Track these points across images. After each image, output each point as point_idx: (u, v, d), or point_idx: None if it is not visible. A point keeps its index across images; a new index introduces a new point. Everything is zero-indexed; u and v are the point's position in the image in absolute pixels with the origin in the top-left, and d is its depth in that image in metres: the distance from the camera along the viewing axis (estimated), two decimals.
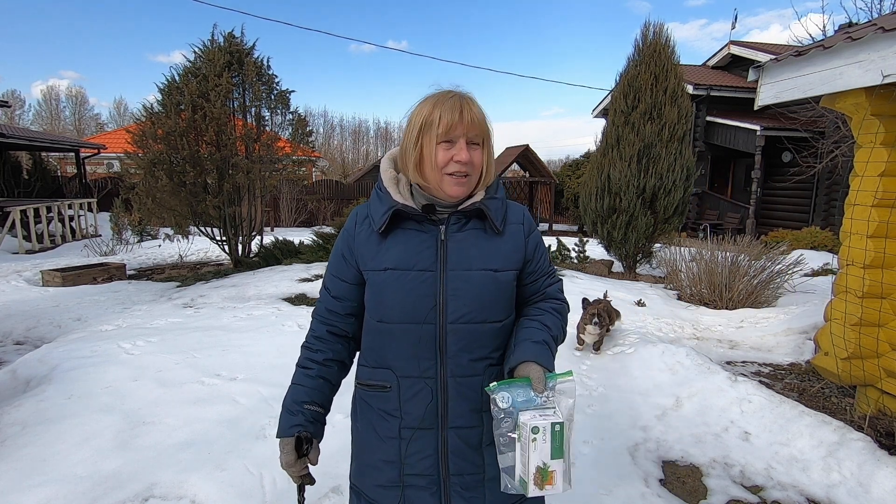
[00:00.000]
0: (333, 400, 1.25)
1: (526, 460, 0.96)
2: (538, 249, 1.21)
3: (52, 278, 6.96)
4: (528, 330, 1.13)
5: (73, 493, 2.15)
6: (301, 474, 1.15)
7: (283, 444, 1.14)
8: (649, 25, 7.65)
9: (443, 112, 1.07)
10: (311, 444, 1.14)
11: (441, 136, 1.07)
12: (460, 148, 1.08)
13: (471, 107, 1.09)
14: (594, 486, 2.41)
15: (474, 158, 1.10)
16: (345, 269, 1.19)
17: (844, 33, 2.80)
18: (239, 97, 7.88)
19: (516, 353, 1.08)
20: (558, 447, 0.97)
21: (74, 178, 16.00)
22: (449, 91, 1.12)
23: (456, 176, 1.09)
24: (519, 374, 1.05)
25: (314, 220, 17.10)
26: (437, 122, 1.07)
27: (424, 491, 1.12)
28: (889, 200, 2.82)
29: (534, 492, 0.97)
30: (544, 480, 0.97)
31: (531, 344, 1.09)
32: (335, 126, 46.99)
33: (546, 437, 0.96)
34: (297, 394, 1.18)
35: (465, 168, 1.09)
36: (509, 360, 1.09)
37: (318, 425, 1.18)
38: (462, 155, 1.08)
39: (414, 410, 1.12)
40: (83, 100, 43.28)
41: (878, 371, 2.95)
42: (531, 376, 1.02)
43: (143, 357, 3.72)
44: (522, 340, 1.10)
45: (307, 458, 1.14)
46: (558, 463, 0.97)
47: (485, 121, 1.12)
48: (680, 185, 7.33)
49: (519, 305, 1.22)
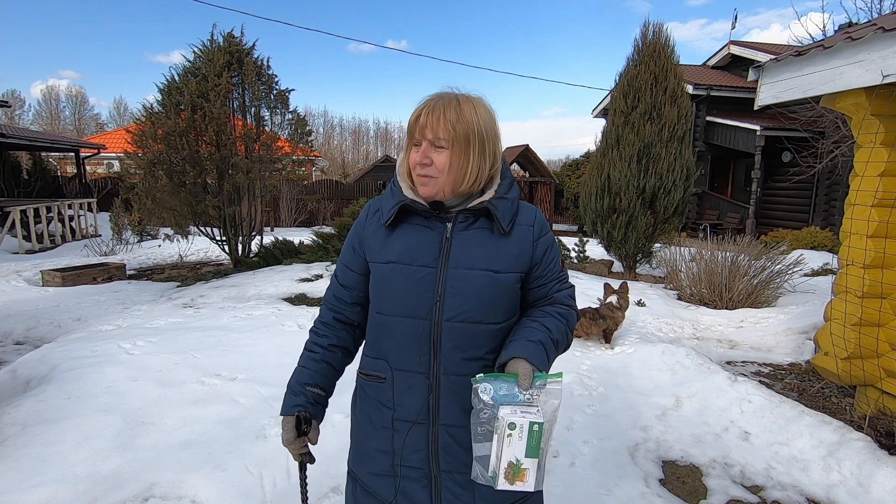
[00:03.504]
0: (334, 400, 1.28)
1: (500, 454, 0.97)
2: (548, 254, 1.19)
3: (52, 278, 6.96)
4: (527, 329, 1.13)
5: (73, 493, 2.15)
6: (301, 452, 1.19)
7: (284, 422, 1.18)
8: (649, 25, 7.65)
9: (416, 114, 1.11)
10: (311, 424, 1.18)
11: (409, 138, 1.13)
12: (421, 150, 1.11)
13: (438, 109, 1.08)
14: (594, 485, 2.41)
15: (436, 161, 1.10)
16: (354, 259, 1.23)
17: (844, 33, 2.80)
18: (239, 97, 7.88)
19: (509, 349, 1.08)
20: (534, 446, 0.97)
21: (74, 178, 16.00)
22: (438, 93, 1.14)
23: (419, 177, 1.12)
24: (508, 370, 1.05)
25: (314, 220, 17.10)
26: (412, 124, 1.12)
27: (416, 483, 1.15)
28: (889, 200, 2.82)
29: (503, 485, 0.98)
30: (515, 476, 0.98)
31: (526, 342, 1.08)
32: (335, 126, 47.04)
33: (523, 434, 0.96)
34: (301, 376, 1.22)
35: (425, 170, 1.11)
36: (501, 355, 1.09)
37: (318, 407, 1.22)
38: (416, 157, 1.11)
39: (406, 403, 1.14)
40: (83, 100, 43.30)
41: (878, 371, 2.95)
42: (518, 372, 1.02)
43: (143, 357, 3.72)
44: (518, 338, 1.10)
45: (307, 437, 1.19)
46: (532, 462, 0.98)
47: (458, 123, 1.08)
48: (680, 185, 7.33)
49: (525, 309, 1.21)
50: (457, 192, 1.13)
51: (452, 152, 1.09)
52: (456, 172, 1.11)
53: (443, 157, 1.10)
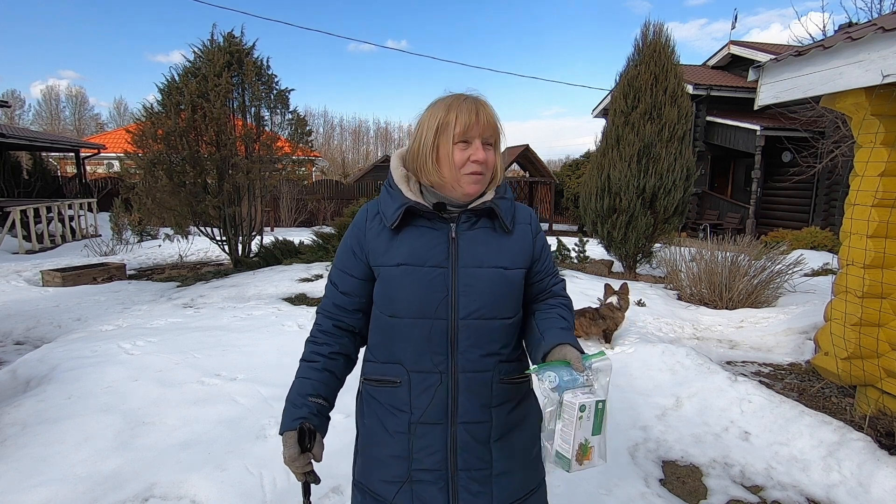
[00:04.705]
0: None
1: (570, 437, 0.99)
2: (544, 250, 1.26)
3: (52, 278, 6.96)
4: (550, 319, 1.18)
5: (73, 493, 2.15)
6: (305, 471, 1.10)
7: (286, 438, 1.10)
8: (649, 25, 7.65)
9: (459, 114, 1.12)
10: (315, 437, 1.11)
11: (458, 137, 1.12)
12: (476, 148, 1.12)
13: (486, 109, 1.14)
14: (594, 485, 2.41)
15: (489, 158, 1.15)
16: (354, 264, 1.21)
17: (844, 33, 2.80)
18: (239, 97, 7.88)
19: (547, 339, 1.12)
20: (599, 423, 1.01)
21: (74, 178, 16.00)
22: (462, 94, 1.16)
23: (473, 175, 1.13)
24: (554, 358, 1.08)
25: (314, 220, 17.10)
26: (453, 124, 1.12)
27: (432, 486, 1.13)
28: (889, 200, 2.82)
29: (574, 468, 1.00)
30: (583, 456, 1.01)
31: (559, 330, 1.14)
32: (335, 126, 47.05)
33: (591, 414, 0.99)
34: (303, 387, 1.16)
35: (481, 167, 1.13)
36: (541, 346, 1.12)
37: (322, 419, 1.16)
38: (479, 154, 1.12)
39: (423, 405, 1.13)
40: (83, 100, 43.34)
41: (878, 371, 2.95)
42: (569, 357, 1.06)
43: (143, 357, 3.72)
44: (548, 328, 1.15)
45: (311, 453, 1.10)
46: (597, 439, 1.02)
47: (497, 122, 1.16)
48: (680, 184, 7.33)
49: (526, 304, 1.24)
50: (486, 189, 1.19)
51: (496, 150, 1.17)
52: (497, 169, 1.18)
53: (492, 155, 1.16)
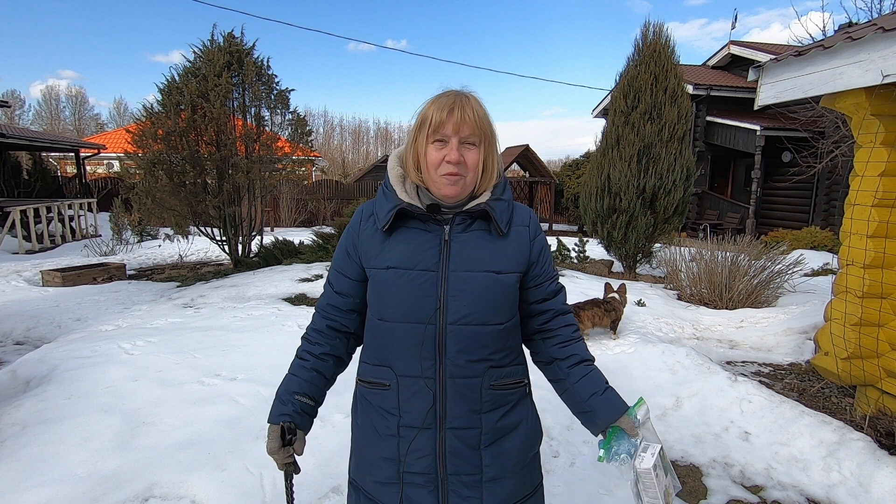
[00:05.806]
0: (334, 400, 1.26)
1: (658, 494, 1.08)
2: (543, 253, 1.21)
3: (52, 278, 6.96)
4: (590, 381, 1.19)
5: (73, 493, 2.15)
6: (285, 462, 1.15)
7: (270, 430, 1.15)
8: (649, 25, 7.64)
9: (434, 111, 1.08)
10: (296, 434, 1.14)
11: (431, 136, 1.09)
12: (451, 147, 1.08)
13: (465, 106, 1.08)
14: (594, 485, 2.41)
15: (467, 159, 1.09)
16: (348, 265, 1.20)
17: (844, 33, 2.80)
18: (239, 97, 7.89)
19: (600, 415, 1.16)
20: (667, 465, 1.12)
21: (74, 178, 16.01)
22: (450, 90, 1.12)
23: (448, 176, 1.09)
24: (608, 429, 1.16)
25: (314, 220, 17.10)
26: (428, 121, 1.08)
27: (423, 489, 1.12)
28: (889, 200, 2.82)
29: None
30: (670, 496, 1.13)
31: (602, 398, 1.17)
32: (335, 126, 47.09)
33: (659, 463, 1.10)
34: (291, 384, 1.20)
35: (456, 168, 1.08)
36: (596, 422, 1.17)
37: (305, 417, 1.19)
38: (452, 155, 1.07)
39: (413, 409, 1.12)
40: (83, 100, 43.38)
41: (878, 371, 2.95)
42: (623, 426, 1.14)
43: (143, 357, 3.72)
44: (591, 395, 1.17)
45: (292, 447, 1.14)
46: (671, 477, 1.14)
47: (483, 121, 1.11)
48: (680, 185, 7.32)
49: (523, 309, 1.21)
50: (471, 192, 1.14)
51: (481, 150, 1.11)
52: (481, 170, 1.13)
53: (474, 155, 1.10)
